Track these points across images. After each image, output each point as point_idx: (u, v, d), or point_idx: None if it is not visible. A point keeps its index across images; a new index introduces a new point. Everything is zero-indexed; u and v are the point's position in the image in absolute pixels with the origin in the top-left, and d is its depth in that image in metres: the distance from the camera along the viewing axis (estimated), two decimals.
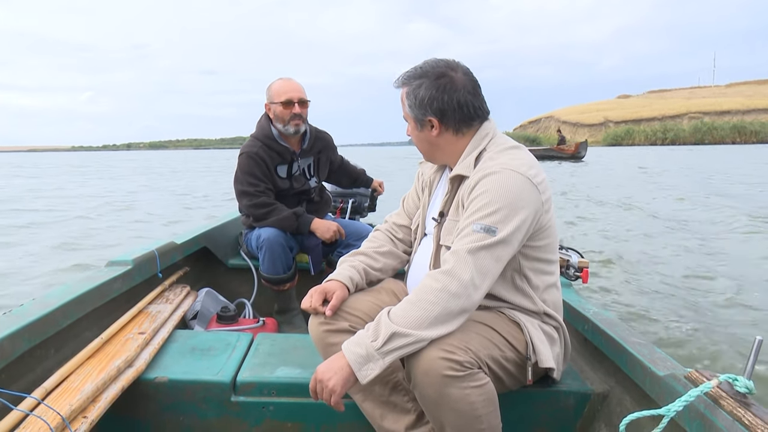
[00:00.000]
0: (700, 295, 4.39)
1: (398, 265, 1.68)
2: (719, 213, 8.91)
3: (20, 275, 5.18)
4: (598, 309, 1.85)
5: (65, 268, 5.34)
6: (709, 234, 7.18)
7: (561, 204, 10.00)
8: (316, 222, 2.50)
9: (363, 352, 1.21)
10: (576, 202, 10.75)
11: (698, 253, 5.90)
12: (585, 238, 6.85)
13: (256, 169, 2.45)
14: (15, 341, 1.44)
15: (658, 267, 5.32)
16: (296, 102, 2.46)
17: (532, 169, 1.35)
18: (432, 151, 1.51)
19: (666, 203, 10.56)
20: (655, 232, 7.43)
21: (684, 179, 15.17)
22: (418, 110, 1.42)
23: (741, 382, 1.13)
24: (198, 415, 1.56)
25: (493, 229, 1.27)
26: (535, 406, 1.58)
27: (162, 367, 1.61)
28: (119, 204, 11.58)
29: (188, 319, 2.32)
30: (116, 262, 2.12)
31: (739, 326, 3.64)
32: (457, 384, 1.21)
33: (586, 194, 12.01)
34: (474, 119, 1.43)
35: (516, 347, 1.37)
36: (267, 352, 1.75)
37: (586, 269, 2.20)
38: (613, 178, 16.80)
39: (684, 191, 12.15)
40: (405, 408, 1.45)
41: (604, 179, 16.35)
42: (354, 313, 1.50)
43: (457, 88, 1.40)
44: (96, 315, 1.85)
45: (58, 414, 1.22)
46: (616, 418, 1.47)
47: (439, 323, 1.22)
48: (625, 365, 1.51)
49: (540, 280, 1.44)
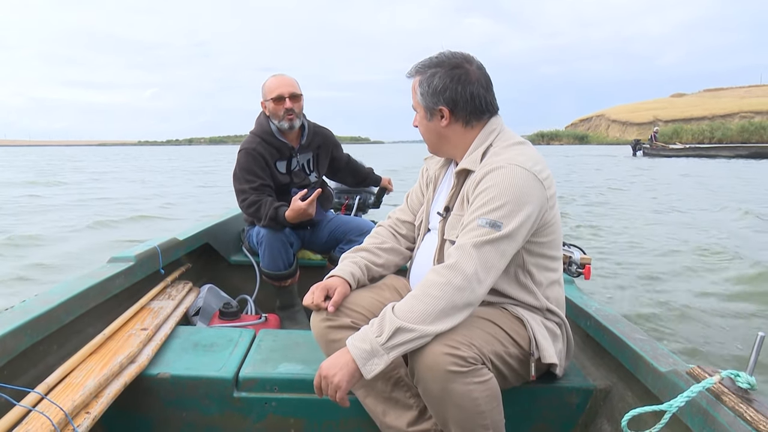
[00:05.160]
0: (703, 291, 4.39)
1: (400, 261, 1.68)
2: (718, 213, 8.93)
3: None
4: (600, 305, 1.85)
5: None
6: (710, 230, 7.17)
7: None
8: (288, 215, 2.32)
9: (368, 348, 1.21)
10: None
11: (699, 251, 5.89)
12: (584, 238, 6.85)
13: (254, 165, 2.45)
14: (18, 337, 1.44)
15: (660, 263, 5.32)
16: (287, 97, 2.45)
17: (538, 164, 1.34)
18: (439, 142, 1.50)
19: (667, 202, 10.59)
20: (658, 225, 7.43)
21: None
22: (430, 99, 1.42)
23: (743, 378, 1.14)
24: (200, 411, 1.56)
25: (498, 223, 1.27)
26: (537, 401, 1.58)
27: (164, 363, 1.61)
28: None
29: (190, 315, 2.32)
30: (118, 258, 2.12)
31: (742, 322, 3.64)
32: (460, 379, 1.21)
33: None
34: (484, 113, 1.43)
35: (519, 343, 1.37)
36: (269, 348, 1.75)
37: (588, 266, 2.20)
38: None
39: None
40: (407, 404, 1.45)
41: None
42: (356, 309, 1.50)
43: (471, 81, 1.40)
44: (98, 311, 1.85)
45: (60, 409, 1.22)
46: (618, 414, 1.47)
47: (444, 317, 1.22)
48: (628, 361, 1.51)
49: (543, 276, 1.44)
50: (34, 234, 6.84)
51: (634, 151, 36.90)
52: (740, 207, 9.17)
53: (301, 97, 2.52)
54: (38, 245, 6.31)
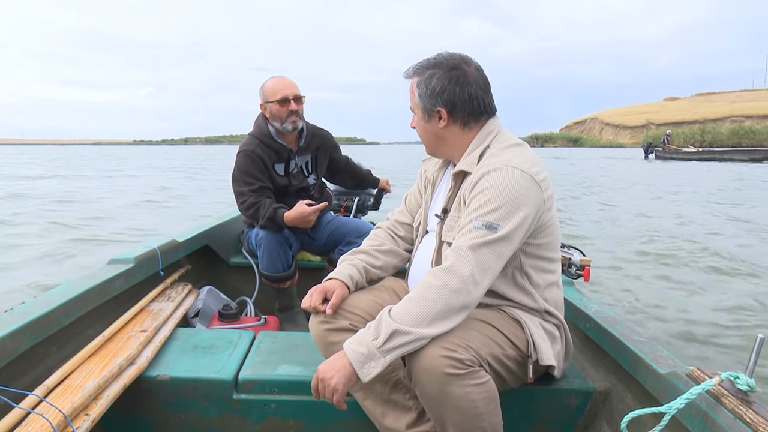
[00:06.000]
0: (702, 292, 4.39)
1: (399, 263, 1.68)
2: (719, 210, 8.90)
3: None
4: (599, 307, 1.85)
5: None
6: (708, 231, 7.17)
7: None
8: (287, 217, 2.33)
9: (364, 351, 1.21)
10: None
11: (699, 251, 5.89)
12: (585, 237, 6.84)
13: (253, 167, 2.45)
14: (17, 339, 1.44)
15: (660, 265, 5.32)
16: (292, 99, 2.46)
17: (535, 166, 1.34)
18: (437, 143, 1.50)
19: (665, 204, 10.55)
20: (658, 228, 7.43)
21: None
22: (428, 100, 1.42)
23: (742, 380, 1.13)
24: (200, 413, 1.56)
25: (495, 225, 1.27)
26: (536, 403, 1.58)
27: (164, 365, 1.61)
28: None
29: (190, 317, 2.32)
30: (118, 260, 2.12)
31: (742, 323, 3.64)
32: (458, 382, 1.21)
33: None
34: (482, 114, 1.43)
35: (517, 345, 1.37)
36: (268, 350, 1.75)
37: (587, 267, 2.19)
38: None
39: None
40: (406, 406, 1.45)
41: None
42: (354, 311, 1.50)
43: (469, 82, 1.40)
44: (98, 313, 1.85)
45: (60, 412, 1.22)
46: (617, 416, 1.47)
47: (441, 320, 1.22)
48: (627, 363, 1.51)
49: (541, 278, 1.44)
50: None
51: (646, 154, 36.57)
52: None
53: (304, 98, 2.52)
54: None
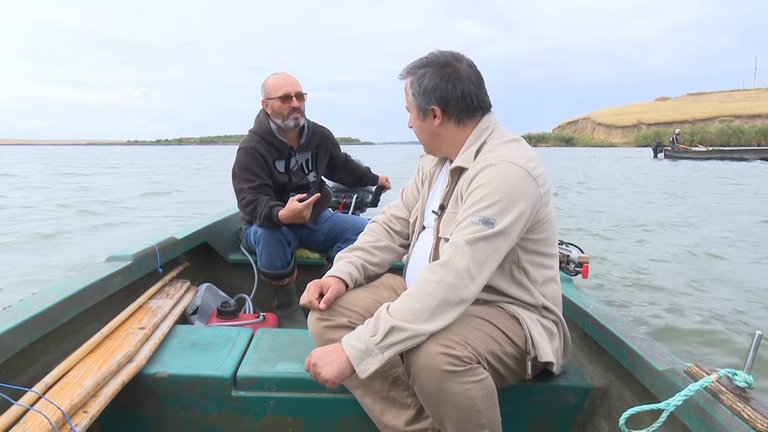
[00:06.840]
0: (701, 288, 4.40)
1: (395, 258, 1.68)
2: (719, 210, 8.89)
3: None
4: (597, 304, 1.85)
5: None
6: (707, 231, 7.18)
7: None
8: (282, 215, 2.30)
9: (362, 347, 1.21)
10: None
11: (699, 250, 5.89)
12: (584, 235, 6.85)
13: (254, 164, 2.45)
14: (15, 336, 1.44)
15: (659, 262, 5.33)
16: (294, 96, 2.46)
17: (532, 161, 1.34)
18: (433, 141, 1.50)
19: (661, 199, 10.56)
20: (655, 226, 7.44)
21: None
22: (421, 99, 1.42)
23: (740, 377, 1.14)
24: (199, 410, 1.56)
25: (492, 220, 1.27)
26: (534, 400, 1.58)
27: (162, 362, 1.61)
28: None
29: (188, 314, 2.32)
30: (116, 257, 2.12)
31: (740, 320, 3.64)
32: (456, 379, 1.21)
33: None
34: (476, 110, 1.43)
35: (515, 342, 1.37)
36: (267, 347, 1.75)
37: (586, 264, 2.20)
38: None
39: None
40: (405, 403, 1.45)
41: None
42: (352, 308, 1.50)
43: (461, 79, 1.40)
44: (96, 310, 1.85)
45: (58, 409, 1.22)
46: (615, 413, 1.48)
47: (438, 315, 1.22)
48: (625, 360, 1.51)
49: (538, 273, 1.44)
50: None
51: (655, 153, 36.58)
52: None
53: (305, 96, 2.52)
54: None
